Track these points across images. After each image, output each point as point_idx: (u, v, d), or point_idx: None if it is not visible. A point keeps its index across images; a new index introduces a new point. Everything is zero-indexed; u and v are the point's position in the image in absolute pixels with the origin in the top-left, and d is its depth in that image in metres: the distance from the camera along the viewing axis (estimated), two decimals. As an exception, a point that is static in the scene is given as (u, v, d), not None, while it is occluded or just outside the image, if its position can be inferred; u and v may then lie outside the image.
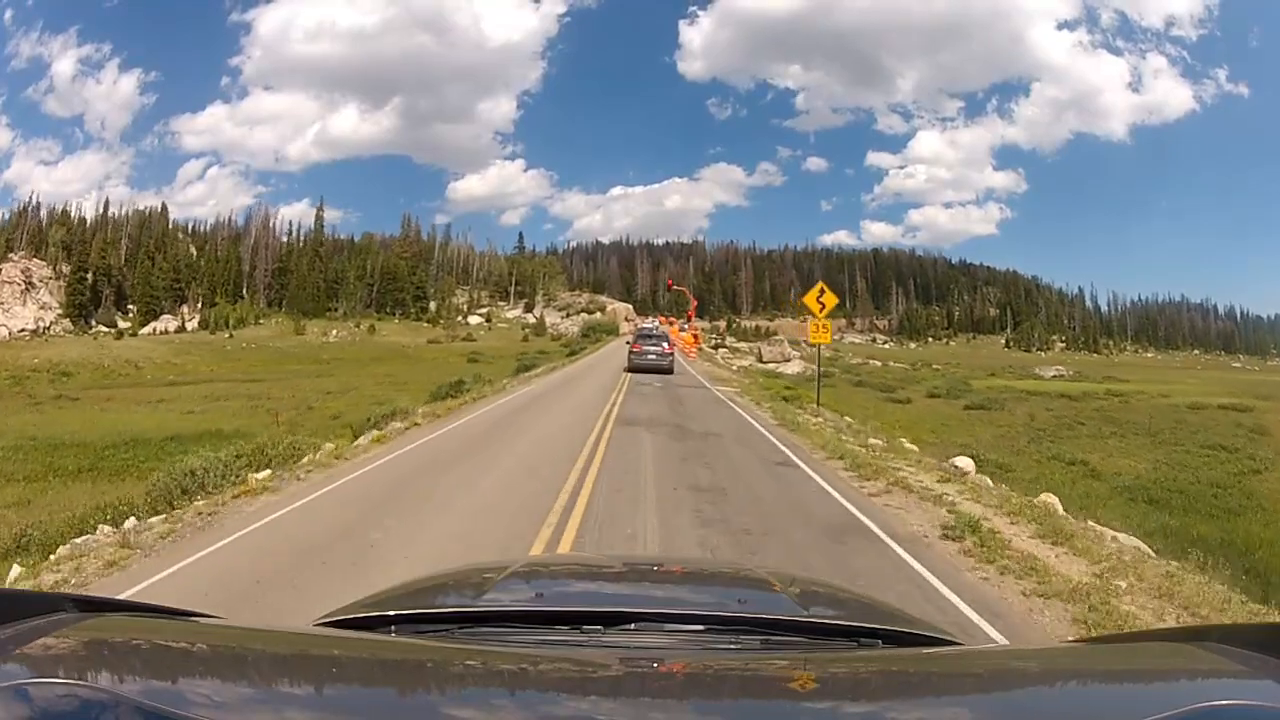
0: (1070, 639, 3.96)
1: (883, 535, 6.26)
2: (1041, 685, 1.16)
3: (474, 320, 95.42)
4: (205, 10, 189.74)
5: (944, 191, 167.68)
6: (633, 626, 1.34)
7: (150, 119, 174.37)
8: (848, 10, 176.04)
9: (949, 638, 1.51)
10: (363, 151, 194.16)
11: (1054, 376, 66.07)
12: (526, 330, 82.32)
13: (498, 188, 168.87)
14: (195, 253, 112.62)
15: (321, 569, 5.18)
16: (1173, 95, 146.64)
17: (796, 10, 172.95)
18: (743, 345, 62.04)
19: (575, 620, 1.34)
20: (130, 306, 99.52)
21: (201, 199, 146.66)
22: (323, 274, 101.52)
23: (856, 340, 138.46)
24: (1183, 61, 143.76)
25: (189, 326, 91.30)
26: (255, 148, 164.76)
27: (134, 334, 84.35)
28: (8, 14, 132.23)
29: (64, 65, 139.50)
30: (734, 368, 36.81)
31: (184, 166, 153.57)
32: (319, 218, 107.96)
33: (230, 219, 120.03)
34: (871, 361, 67.02)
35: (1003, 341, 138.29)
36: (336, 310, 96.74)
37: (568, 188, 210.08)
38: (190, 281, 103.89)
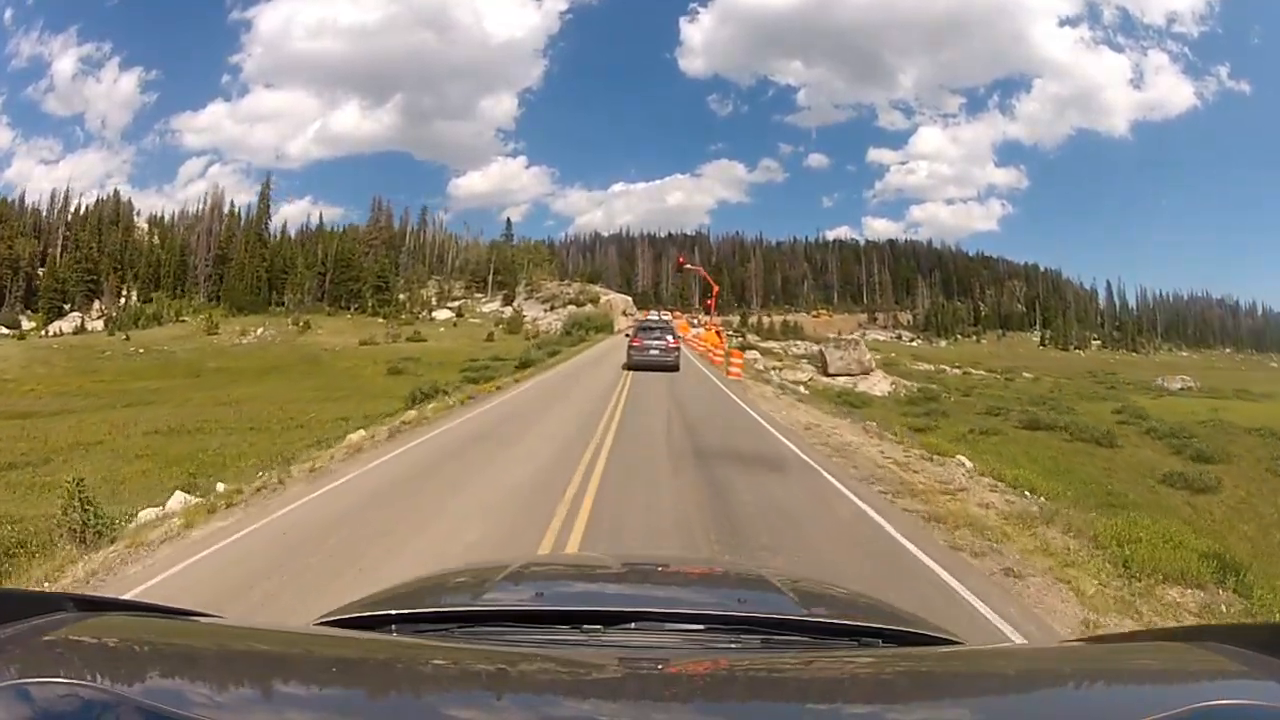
0: (1071, 640, 3.58)
1: None
2: (1041, 685, 1.14)
3: (442, 314, 79.44)
4: (205, 8, 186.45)
5: (945, 188, 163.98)
6: (633, 626, 1.31)
7: (151, 117, 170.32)
8: (849, 6, 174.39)
9: (950, 637, 1.47)
10: (364, 149, 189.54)
11: (1181, 390, 50.73)
12: (499, 326, 66.15)
13: (499, 184, 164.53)
14: (157, 244, 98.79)
15: None
16: (1175, 92, 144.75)
17: (797, 7, 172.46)
18: (773, 345, 45.87)
19: (575, 620, 1.32)
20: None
21: (203, 197, 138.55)
22: (265, 263, 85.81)
23: (881, 337, 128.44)
24: (1184, 58, 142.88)
25: (93, 326, 75.72)
26: (256, 145, 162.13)
27: (22, 336, 68.96)
28: (8, 13, 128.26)
29: (64, 64, 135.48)
30: (795, 384, 21.13)
31: (185, 165, 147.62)
32: (264, 197, 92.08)
33: (197, 208, 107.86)
34: (946, 370, 50.84)
35: (1035, 339, 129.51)
36: (282, 304, 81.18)
37: (569, 184, 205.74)
38: (110, 273, 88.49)
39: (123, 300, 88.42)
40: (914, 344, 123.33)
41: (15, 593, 1.86)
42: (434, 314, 79.57)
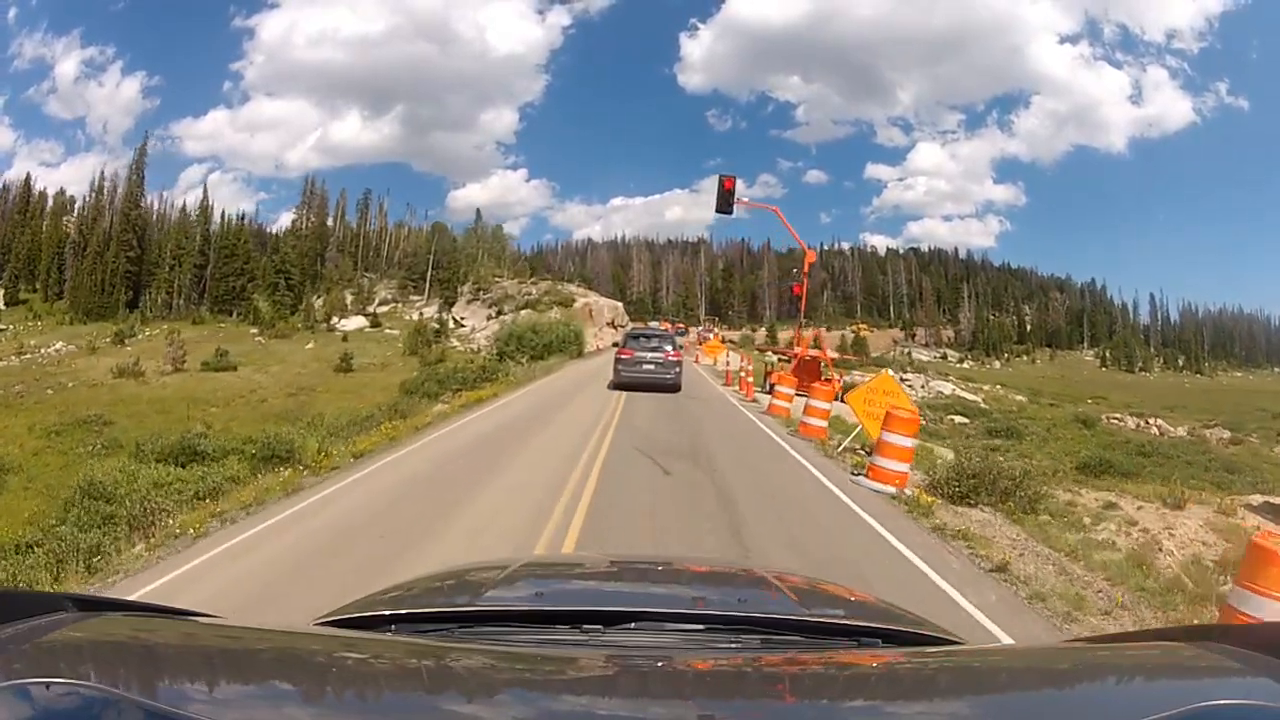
0: (1070, 639, 3.68)
1: None
2: (1041, 685, 1.14)
3: (352, 323, 57.84)
4: (208, 15, 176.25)
5: (944, 204, 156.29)
6: (633, 626, 1.32)
7: (152, 123, 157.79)
8: (848, 23, 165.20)
9: (950, 637, 1.47)
10: (364, 159, 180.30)
11: None
12: (403, 343, 44.04)
13: (499, 197, 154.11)
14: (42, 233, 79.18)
15: None
16: (1173, 108, 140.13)
17: (796, 23, 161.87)
18: (865, 377, 22.57)
19: (575, 620, 1.32)
20: None
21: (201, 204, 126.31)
22: (128, 255, 64.51)
23: (924, 356, 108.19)
24: (1183, 74, 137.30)
25: None
26: (256, 153, 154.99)
27: None
28: (11, 13, 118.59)
29: (67, 67, 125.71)
30: None
31: (185, 171, 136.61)
32: (137, 169, 70.32)
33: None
34: (1157, 426, 28.63)
35: (1089, 358, 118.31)
36: (137, 307, 59.64)
37: (568, 198, 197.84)
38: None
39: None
40: (966, 365, 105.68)
41: (15, 593, 1.75)
42: (340, 322, 57.82)
